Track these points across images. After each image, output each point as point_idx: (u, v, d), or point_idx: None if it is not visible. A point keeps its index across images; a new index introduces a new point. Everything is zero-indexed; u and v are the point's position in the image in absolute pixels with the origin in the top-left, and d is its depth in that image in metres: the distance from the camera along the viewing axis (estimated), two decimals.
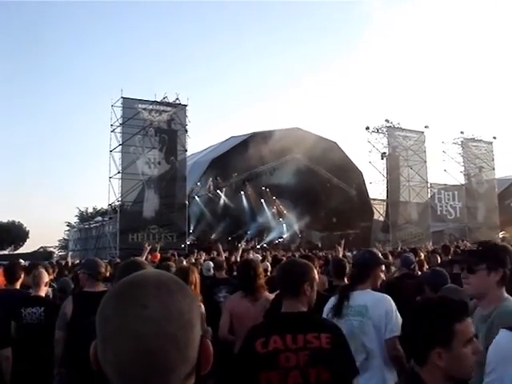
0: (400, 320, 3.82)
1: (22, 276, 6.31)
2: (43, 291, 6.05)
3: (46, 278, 6.14)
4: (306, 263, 3.39)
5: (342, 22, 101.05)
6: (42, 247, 42.82)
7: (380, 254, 8.82)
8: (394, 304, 3.98)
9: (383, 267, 4.44)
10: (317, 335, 3.00)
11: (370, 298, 4.01)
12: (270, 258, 13.22)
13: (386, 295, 4.08)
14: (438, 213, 43.70)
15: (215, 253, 20.14)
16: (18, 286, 6.18)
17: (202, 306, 5.16)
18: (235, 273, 8.12)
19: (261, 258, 13.45)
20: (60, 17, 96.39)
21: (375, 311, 3.90)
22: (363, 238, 36.63)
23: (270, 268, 9.46)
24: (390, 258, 9.64)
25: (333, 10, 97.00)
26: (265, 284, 5.41)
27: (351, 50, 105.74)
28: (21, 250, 55.26)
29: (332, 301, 4.13)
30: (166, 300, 1.11)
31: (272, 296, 5.19)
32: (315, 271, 3.42)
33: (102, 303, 1.14)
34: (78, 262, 15.40)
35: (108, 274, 7.57)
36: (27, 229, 63.02)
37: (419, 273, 7.55)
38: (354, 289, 4.13)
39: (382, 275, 4.37)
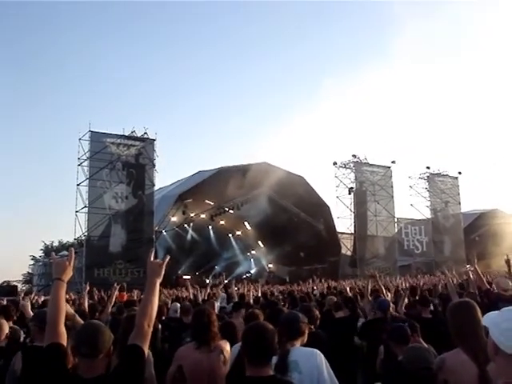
0: (331, 372, 3.90)
1: None
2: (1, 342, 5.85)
3: (6, 329, 5.95)
4: (272, 331, 3.34)
5: (308, 59, 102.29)
6: (5, 281, 41.74)
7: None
8: (323, 358, 3.98)
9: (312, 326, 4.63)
10: None
11: (299, 353, 4.00)
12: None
13: (315, 350, 4.07)
14: (405, 247, 44.10)
15: (183, 288, 20.01)
16: None
17: (150, 353, 5.03)
18: None
19: (226, 296, 13.26)
20: (31, 48, 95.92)
21: (306, 366, 3.88)
22: (331, 272, 36.54)
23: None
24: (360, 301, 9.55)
25: (299, 48, 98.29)
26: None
27: (318, 86, 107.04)
28: None
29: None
30: None
31: (227, 346, 5.07)
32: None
33: None
34: (42, 299, 14.86)
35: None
36: None
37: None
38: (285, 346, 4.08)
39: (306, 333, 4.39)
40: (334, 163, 41.81)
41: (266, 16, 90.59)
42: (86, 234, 31.97)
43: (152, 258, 3.33)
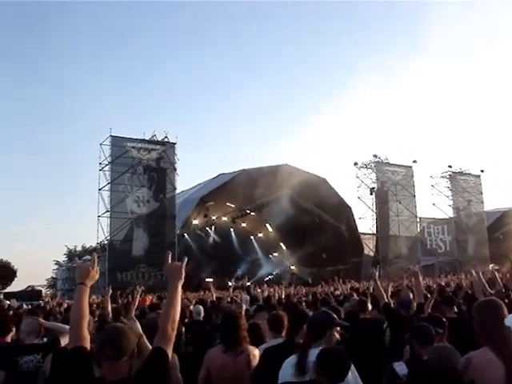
0: (355, 372, 3.84)
1: (14, 329, 6.12)
2: (37, 339, 5.89)
3: (38, 325, 6.02)
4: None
5: (332, 60, 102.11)
6: (29, 286, 42.18)
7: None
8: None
9: (338, 328, 4.34)
10: None
11: None
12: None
13: None
14: (428, 247, 43.70)
15: (206, 291, 20.05)
16: (9, 339, 5.95)
17: (176, 358, 4.98)
18: None
19: (249, 298, 13.21)
20: (50, 54, 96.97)
21: None
22: (354, 273, 36.33)
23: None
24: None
25: (322, 51, 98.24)
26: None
27: (341, 86, 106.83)
28: (8, 289, 54.41)
29: (292, 359, 3.94)
30: None
31: (255, 350, 4.98)
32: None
33: None
34: (66, 305, 14.79)
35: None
36: (15, 267, 61.99)
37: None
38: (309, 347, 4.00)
39: (337, 335, 4.25)
40: (355, 164, 41.66)
41: (298, 16, 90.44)
42: (108, 238, 32.23)
43: (170, 261, 3.29)
